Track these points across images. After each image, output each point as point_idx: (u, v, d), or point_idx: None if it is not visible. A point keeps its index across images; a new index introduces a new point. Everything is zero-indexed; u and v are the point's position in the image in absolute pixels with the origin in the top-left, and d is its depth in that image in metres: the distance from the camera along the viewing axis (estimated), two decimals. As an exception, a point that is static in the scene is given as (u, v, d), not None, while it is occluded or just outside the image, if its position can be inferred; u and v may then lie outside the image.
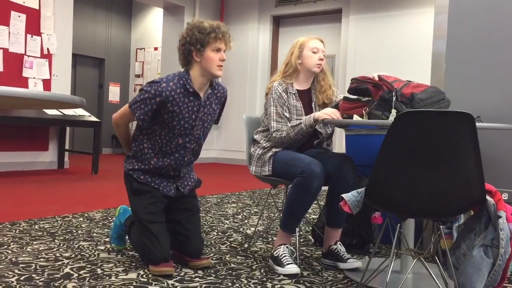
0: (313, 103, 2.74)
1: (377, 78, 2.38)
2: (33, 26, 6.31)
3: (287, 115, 2.64)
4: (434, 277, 2.08)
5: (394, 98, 2.23)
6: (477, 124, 1.78)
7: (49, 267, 2.33)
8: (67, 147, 7.04)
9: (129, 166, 2.48)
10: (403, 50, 7.42)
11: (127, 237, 2.66)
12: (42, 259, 2.45)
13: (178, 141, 2.43)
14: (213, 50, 2.35)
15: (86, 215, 3.63)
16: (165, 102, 2.33)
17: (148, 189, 2.44)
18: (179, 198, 2.52)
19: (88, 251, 2.64)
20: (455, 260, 1.94)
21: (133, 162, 2.48)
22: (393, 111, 2.22)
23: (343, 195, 2.00)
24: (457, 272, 1.91)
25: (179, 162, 2.48)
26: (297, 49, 2.72)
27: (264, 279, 2.30)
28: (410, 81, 2.37)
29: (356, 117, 2.46)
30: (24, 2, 6.19)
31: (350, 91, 2.46)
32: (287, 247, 2.49)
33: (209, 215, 3.87)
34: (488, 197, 1.92)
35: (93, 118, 6.76)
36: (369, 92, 2.42)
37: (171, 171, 2.48)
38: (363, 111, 2.38)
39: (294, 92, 2.70)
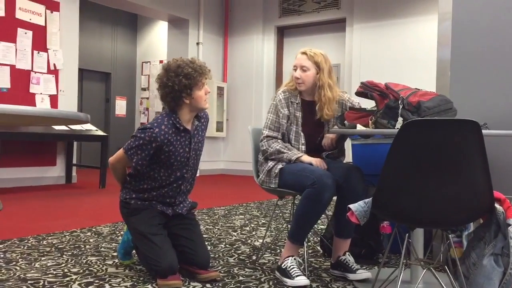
0: (317, 115, 2.69)
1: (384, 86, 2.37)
2: (40, 42, 6.37)
3: (283, 122, 2.66)
4: (445, 287, 2.05)
5: (400, 106, 2.21)
6: (484, 131, 1.76)
7: (57, 283, 2.33)
8: (74, 161, 7.07)
9: (127, 195, 2.55)
10: (408, 58, 7.42)
11: (134, 251, 2.66)
12: (50, 275, 2.45)
13: (176, 174, 2.52)
14: (200, 88, 2.46)
15: (94, 229, 3.63)
16: (161, 146, 2.42)
17: (145, 207, 2.51)
18: (176, 217, 2.58)
19: (96, 266, 2.64)
20: (465, 269, 1.91)
21: (131, 193, 2.54)
22: (400, 119, 2.19)
23: (350, 206, 1.99)
24: (468, 281, 1.89)
25: (176, 191, 2.56)
26: (294, 65, 2.73)
27: (273, 291, 2.28)
28: (418, 89, 2.34)
29: (359, 127, 2.45)
30: (30, 19, 6.25)
31: (358, 94, 2.47)
32: (294, 258, 2.47)
33: (217, 227, 3.86)
34: (497, 205, 1.90)
35: (100, 132, 6.79)
36: (375, 99, 2.41)
37: (167, 198, 2.55)
38: (369, 120, 2.37)
39: (297, 102, 2.69)
